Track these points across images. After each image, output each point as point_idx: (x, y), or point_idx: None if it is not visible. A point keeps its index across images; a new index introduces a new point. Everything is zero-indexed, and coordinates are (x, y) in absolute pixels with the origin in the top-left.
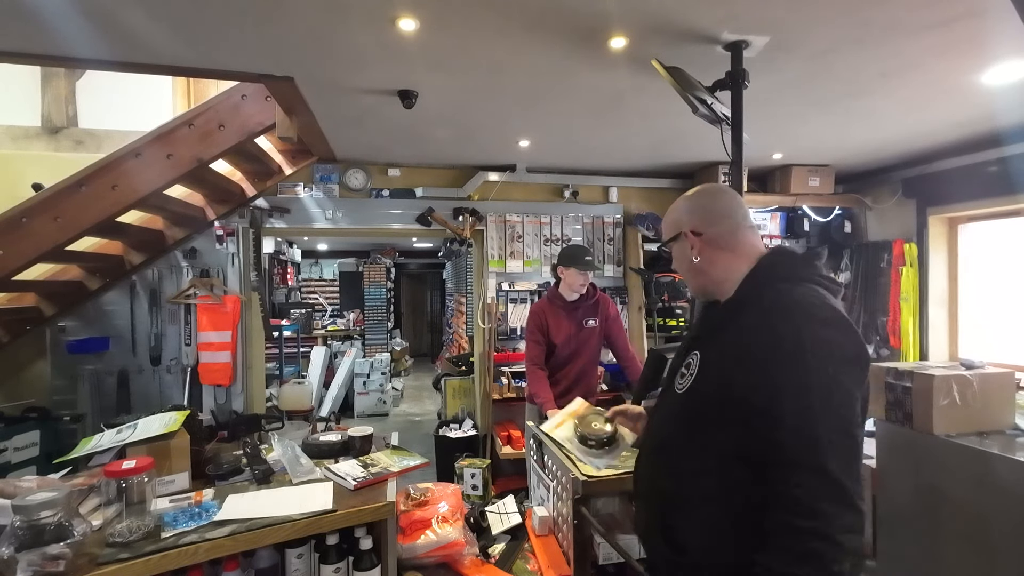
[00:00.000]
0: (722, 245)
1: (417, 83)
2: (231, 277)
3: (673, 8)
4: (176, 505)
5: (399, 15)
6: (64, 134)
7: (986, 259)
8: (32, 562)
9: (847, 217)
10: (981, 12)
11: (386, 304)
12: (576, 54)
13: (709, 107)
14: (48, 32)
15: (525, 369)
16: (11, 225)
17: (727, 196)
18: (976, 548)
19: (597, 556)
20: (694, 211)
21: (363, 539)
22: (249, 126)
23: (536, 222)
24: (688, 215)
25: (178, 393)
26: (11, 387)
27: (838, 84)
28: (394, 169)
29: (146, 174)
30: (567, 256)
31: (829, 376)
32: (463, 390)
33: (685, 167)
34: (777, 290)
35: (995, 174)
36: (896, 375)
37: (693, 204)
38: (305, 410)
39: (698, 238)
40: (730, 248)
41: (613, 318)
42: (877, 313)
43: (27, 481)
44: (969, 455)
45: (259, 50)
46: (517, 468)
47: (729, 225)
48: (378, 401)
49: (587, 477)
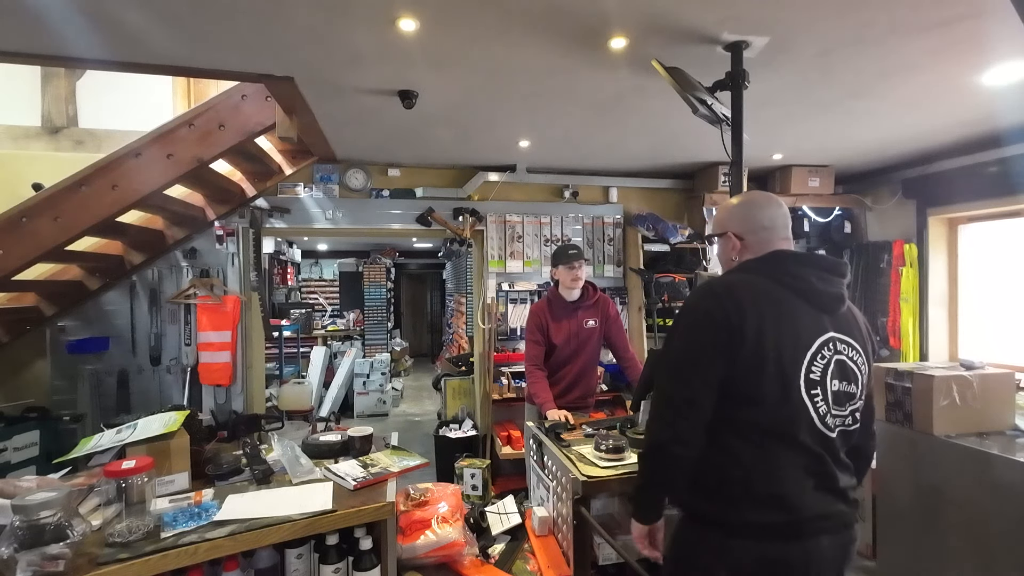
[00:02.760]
0: (756, 251)
1: (417, 83)
2: (231, 277)
3: (673, 8)
4: (176, 505)
5: (399, 15)
6: (64, 134)
7: (986, 260)
8: (32, 562)
9: (847, 217)
10: (981, 13)
11: (386, 304)
12: (576, 54)
13: (709, 107)
14: (48, 32)
15: (524, 369)
16: (11, 225)
17: (773, 208)
18: (976, 548)
19: (597, 556)
20: (743, 217)
21: (363, 539)
22: (249, 126)
23: (536, 222)
24: (736, 219)
25: (178, 393)
26: (11, 387)
27: (838, 84)
28: (394, 169)
29: (146, 174)
30: (554, 256)
31: (681, 327)
32: (463, 390)
33: (685, 167)
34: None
35: (995, 175)
36: (896, 376)
37: (743, 211)
38: (305, 410)
39: (740, 242)
40: (757, 251)
41: (613, 319)
42: (877, 313)
43: (27, 481)
44: (969, 456)
45: (259, 50)
46: (517, 468)
47: (767, 235)
48: (378, 401)
49: (587, 477)
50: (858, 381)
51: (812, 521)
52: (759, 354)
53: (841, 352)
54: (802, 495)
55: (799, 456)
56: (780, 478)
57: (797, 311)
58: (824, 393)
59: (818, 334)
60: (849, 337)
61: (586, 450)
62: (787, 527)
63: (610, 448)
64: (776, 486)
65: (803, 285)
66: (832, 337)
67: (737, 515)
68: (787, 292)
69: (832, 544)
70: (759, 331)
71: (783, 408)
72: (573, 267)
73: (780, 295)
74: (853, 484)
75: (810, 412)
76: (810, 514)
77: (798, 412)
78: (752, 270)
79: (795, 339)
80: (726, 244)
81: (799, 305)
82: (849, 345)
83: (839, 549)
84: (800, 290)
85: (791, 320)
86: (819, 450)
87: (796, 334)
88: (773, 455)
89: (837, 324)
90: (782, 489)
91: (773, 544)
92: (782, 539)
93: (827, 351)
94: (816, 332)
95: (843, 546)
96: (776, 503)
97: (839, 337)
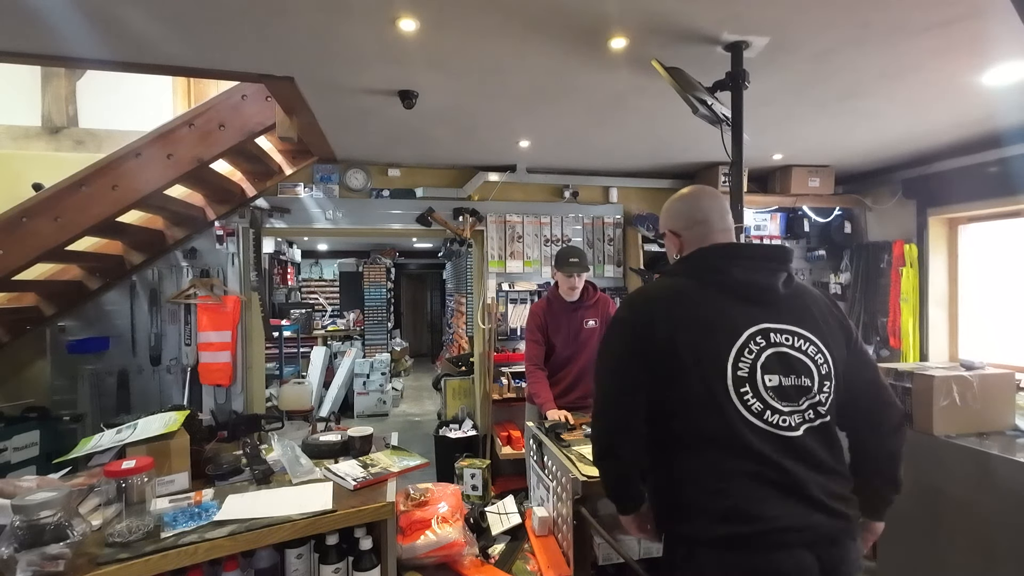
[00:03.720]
0: (694, 246)
1: (417, 83)
2: (231, 277)
3: (673, 8)
4: (176, 505)
5: (399, 15)
6: (64, 134)
7: (986, 260)
8: (32, 562)
9: (847, 218)
10: (981, 13)
11: (386, 304)
12: (576, 54)
13: (709, 108)
14: (48, 32)
15: (524, 369)
16: (11, 225)
17: (706, 200)
18: (976, 548)
19: (597, 556)
20: (677, 213)
21: (363, 539)
22: (249, 126)
23: (536, 222)
24: (672, 216)
25: (178, 393)
26: (11, 387)
27: (838, 85)
28: (394, 169)
29: (146, 174)
30: (556, 259)
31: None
32: (463, 390)
33: (685, 167)
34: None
35: (995, 175)
36: (896, 376)
37: (677, 206)
38: (305, 410)
39: (678, 239)
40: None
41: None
42: (877, 314)
43: (27, 481)
44: (969, 456)
45: (259, 50)
46: (517, 468)
47: (703, 230)
48: (378, 401)
49: (587, 477)
50: (811, 372)
51: (781, 533)
52: (676, 361)
53: (779, 344)
54: (761, 504)
55: (747, 462)
56: (729, 490)
57: (720, 308)
58: (755, 389)
59: (744, 328)
60: (795, 326)
61: (586, 450)
62: (752, 538)
63: None
64: (729, 498)
65: (724, 278)
66: (764, 329)
67: (702, 529)
68: (710, 289)
69: (816, 562)
70: (671, 339)
71: (713, 412)
72: (572, 276)
73: (701, 295)
74: (838, 491)
75: (741, 412)
76: (779, 525)
77: (729, 414)
78: (677, 272)
79: (715, 338)
80: (670, 243)
81: (722, 300)
82: (794, 335)
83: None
84: (723, 284)
85: (710, 319)
86: (771, 454)
87: (715, 333)
88: (718, 465)
89: (774, 314)
90: (735, 501)
91: (740, 554)
92: (749, 550)
93: (755, 345)
94: (742, 326)
95: (827, 567)
96: (734, 515)
97: (775, 328)
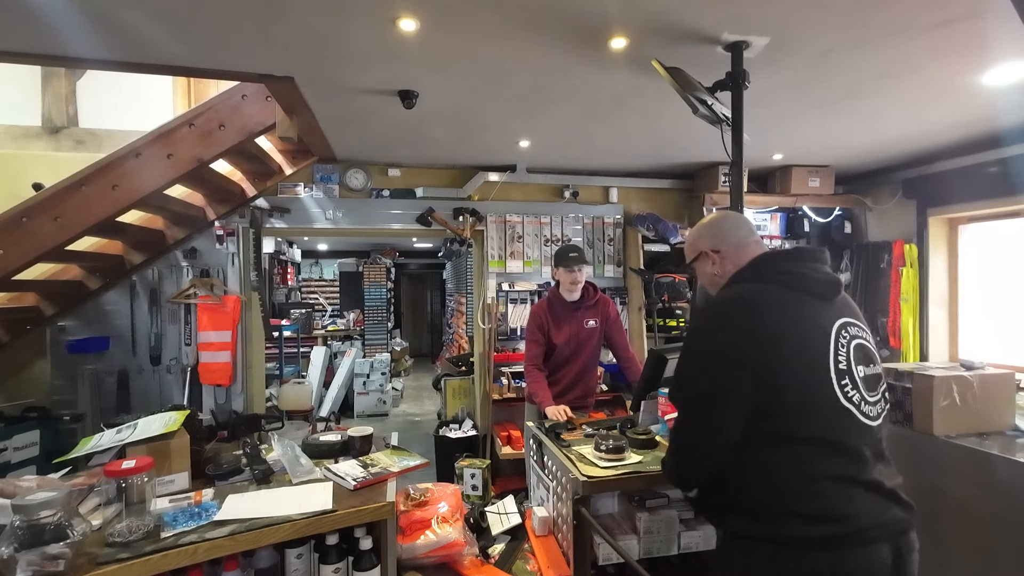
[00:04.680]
0: (736, 259)
1: (417, 83)
2: (231, 277)
3: (673, 8)
4: (176, 505)
5: (399, 15)
6: (64, 134)
7: (986, 260)
8: (32, 562)
9: (847, 218)
10: (981, 13)
11: (386, 304)
12: (576, 54)
13: (709, 108)
14: (48, 32)
15: (524, 369)
16: (11, 225)
17: (732, 217)
18: (976, 548)
19: (597, 556)
20: (710, 233)
21: (363, 539)
22: (249, 126)
23: (536, 222)
24: (705, 237)
25: (178, 393)
26: (11, 387)
27: (838, 85)
28: (394, 169)
29: (146, 174)
30: (555, 257)
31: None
32: (463, 390)
33: (685, 167)
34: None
35: (995, 175)
36: (896, 376)
37: (708, 229)
38: (305, 410)
39: (717, 254)
40: (737, 259)
41: (613, 319)
42: (877, 314)
43: (27, 481)
44: (969, 456)
45: (259, 50)
46: (517, 468)
47: (740, 240)
48: (378, 401)
49: (587, 477)
50: (877, 362)
51: (868, 530)
52: (779, 362)
53: (856, 336)
54: (848, 503)
55: (836, 459)
56: (819, 490)
57: (808, 306)
58: (853, 380)
59: (830, 323)
60: (854, 319)
61: (586, 450)
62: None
63: (610, 448)
64: (818, 499)
65: (799, 280)
66: (844, 323)
67: (786, 531)
68: (788, 290)
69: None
70: (773, 339)
71: (811, 408)
72: (573, 271)
73: (784, 295)
74: (900, 482)
75: (843, 403)
76: (866, 523)
77: (830, 407)
78: (748, 278)
79: (812, 334)
80: (705, 263)
81: (806, 300)
82: (860, 328)
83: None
84: (800, 285)
85: (804, 317)
86: (858, 446)
87: (810, 329)
88: (808, 465)
89: (843, 310)
90: (825, 501)
91: (829, 554)
92: (839, 549)
93: (843, 338)
94: (829, 322)
95: (900, 556)
96: (824, 516)
97: (850, 321)
